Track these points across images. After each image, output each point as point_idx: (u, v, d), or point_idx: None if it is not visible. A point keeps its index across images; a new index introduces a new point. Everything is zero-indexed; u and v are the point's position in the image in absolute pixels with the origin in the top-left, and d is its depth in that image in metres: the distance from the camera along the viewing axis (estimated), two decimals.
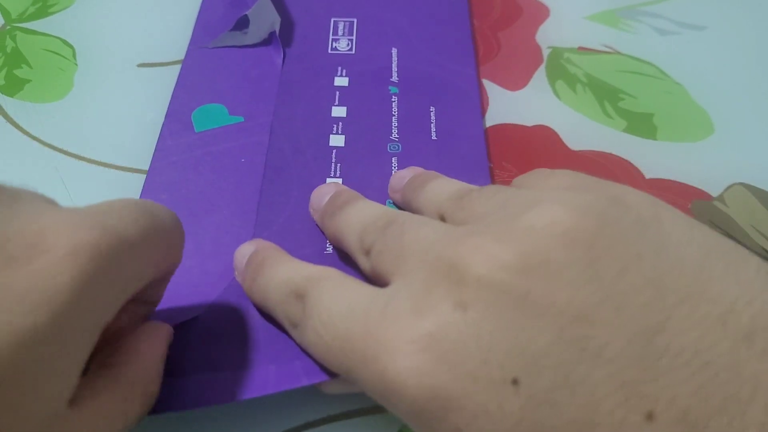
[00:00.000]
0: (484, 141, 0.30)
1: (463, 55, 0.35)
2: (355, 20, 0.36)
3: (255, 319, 0.23)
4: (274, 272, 0.21)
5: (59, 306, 0.14)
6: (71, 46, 0.36)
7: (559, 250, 0.15)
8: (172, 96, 0.32)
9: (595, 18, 0.39)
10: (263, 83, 0.33)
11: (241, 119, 0.31)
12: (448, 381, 0.15)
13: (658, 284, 0.15)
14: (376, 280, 0.20)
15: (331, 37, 0.35)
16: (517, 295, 0.15)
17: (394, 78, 0.33)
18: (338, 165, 0.29)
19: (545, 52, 0.36)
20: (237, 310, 0.23)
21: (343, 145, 0.30)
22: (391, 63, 0.34)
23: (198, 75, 0.33)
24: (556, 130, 0.32)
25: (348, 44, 0.35)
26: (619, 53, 0.36)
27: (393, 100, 0.32)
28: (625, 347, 0.14)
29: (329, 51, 0.35)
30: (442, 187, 0.23)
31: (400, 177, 0.26)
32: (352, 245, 0.22)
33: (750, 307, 0.14)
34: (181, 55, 0.35)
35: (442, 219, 0.21)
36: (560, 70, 0.35)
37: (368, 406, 0.22)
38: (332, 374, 0.20)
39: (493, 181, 0.29)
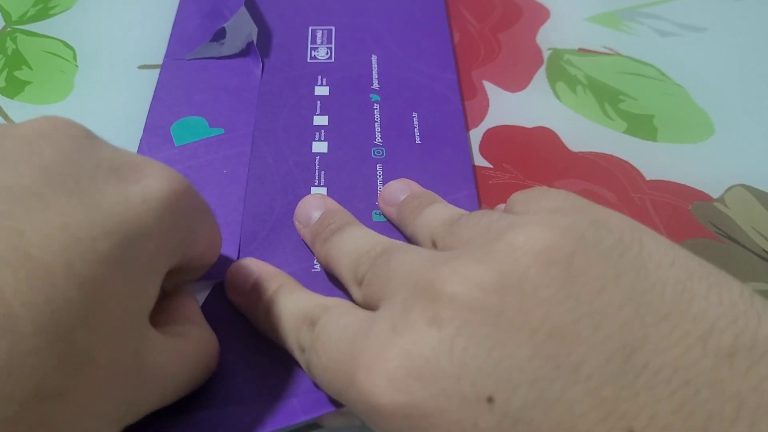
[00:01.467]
0: (467, 144, 0.30)
1: (443, 59, 0.34)
2: (333, 28, 0.36)
3: (237, 352, 0.22)
4: (291, 304, 0.22)
5: (159, 212, 0.17)
6: (72, 48, 0.36)
7: (536, 267, 0.15)
8: (150, 110, 0.31)
9: (596, 19, 0.39)
10: (243, 94, 0.32)
11: (222, 131, 0.30)
12: (422, 398, 0.15)
13: (637, 303, 0.15)
14: (368, 309, 0.20)
15: (309, 45, 0.35)
16: (491, 312, 0.15)
17: (375, 85, 0.33)
18: (322, 172, 0.28)
19: (545, 54, 0.36)
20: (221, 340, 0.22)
21: (326, 151, 0.29)
22: (372, 70, 0.34)
23: (175, 87, 0.33)
24: (557, 131, 0.32)
25: (327, 52, 0.35)
26: (619, 55, 0.36)
27: (375, 107, 0.32)
28: (603, 365, 0.14)
29: (308, 60, 0.34)
30: (436, 213, 0.23)
31: (395, 191, 0.26)
32: (346, 276, 0.22)
33: (733, 326, 0.14)
34: None
35: (434, 244, 0.22)
36: (560, 72, 0.35)
37: None
38: (327, 406, 0.21)
39: (477, 184, 0.29)
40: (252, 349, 0.22)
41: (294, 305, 0.21)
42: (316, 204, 0.26)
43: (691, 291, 0.15)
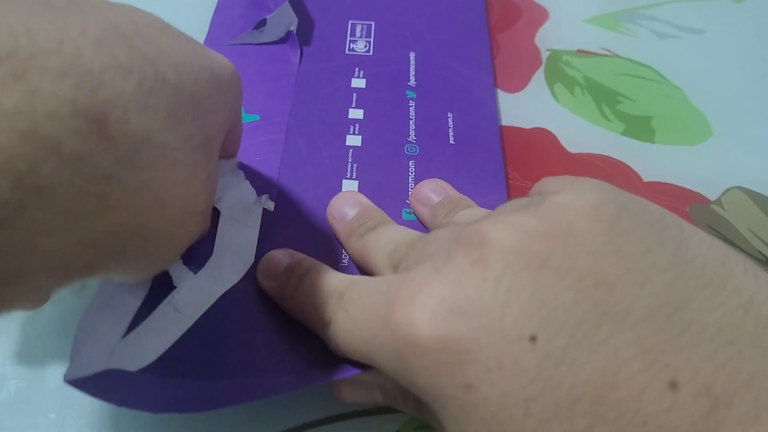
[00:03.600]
0: (501, 151, 0.30)
1: (481, 63, 0.35)
2: (373, 23, 0.36)
3: (263, 322, 0.23)
4: (321, 280, 0.22)
5: (234, 73, 0.21)
6: None
7: (583, 221, 0.16)
8: None
9: (595, 21, 0.39)
10: (280, 82, 0.33)
11: (257, 117, 0.31)
12: (463, 333, 0.15)
13: (680, 269, 0.15)
14: None
15: (348, 38, 0.36)
16: (537, 257, 0.15)
17: (412, 82, 0.33)
18: (354, 165, 0.29)
19: (544, 55, 0.36)
20: (242, 313, 0.23)
21: (359, 145, 0.30)
22: (409, 67, 0.34)
23: None
24: (555, 132, 0.32)
25: (366, 45, 0.35)
26: (617, 56, 0.36)
27: (410, 104, 0.32)
28: (648, 318, 0.14)
29: (347, 51, 0.35)
30: (473, 215, 0.23)
31: (429, 192, 0.26)
32: (381, 263, 0.22)
33: None
34: None
35: None
36: (559, 73, 0.35)
37: (365, 408, 0.22)
38: (347, 371, 0.20)
39: (509, 190, 0.29)
40: (276, 327, 0.23)
41: (322, 282, 0.21)
42: (351, 201, 0.26)
43: (729, 268, 0.15)
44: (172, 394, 0.20)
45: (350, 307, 0.19)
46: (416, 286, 0.16)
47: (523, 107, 0.33)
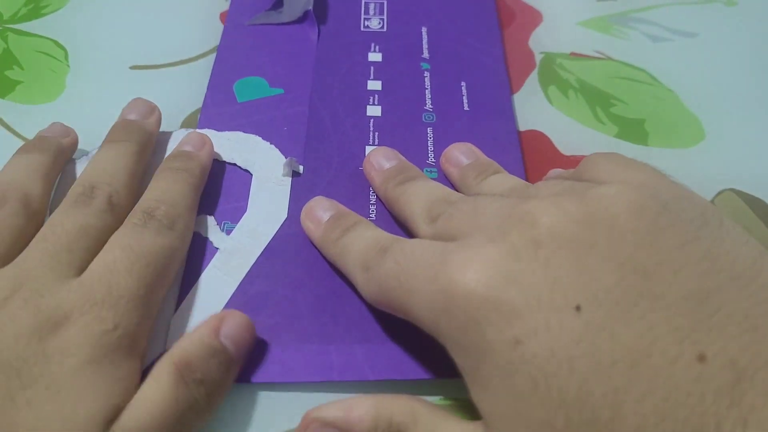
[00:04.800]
0: (512, 112, 0.32)
1: (490, 35, 0.37)
2: (385, 2, 0.38)
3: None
4: (366, 232, 0.23)
5: None
6: (63, 48, 0.36)
7: (625, 216, 0.17)
8: (213, 69, 0.34)
9: (588, 24, 0.39)
10: (300, 58, 0.34)
11: (282, 91, 0.33)
12: (514, 296, 0.17)
13: (714, 261, 0.16)
14: None
15: (363, 16, 0.37)
16: (584, 243, 0.17)
17: (425, 54, 0.35)
18: (376, 133, 0.31)
19: (538, 58, 0.36)
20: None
21: (380, 115, 0.32)
22: (422, 41, 0.36)
23: (236, 50, 0.35)
24: (548, 135, 0.32)
25: (380, 23, 0.37)
26: (611, 59, 0.36)
27: (425, 75, 0.34)
28: (681, 301, 0.16)
29: (362, 29, 0.36)
30: (503, 181, 0.25)
31: (460, 154, 0.28)
32: (417, 214, 0.23)
33: None
34: (174, 58, 0.35)
35: None
36: (553, 76, 0.35)
37: None
38: (394, 372, 0.22)
39: (522, 152, 0.31)
40: (320, 287, 0.25)
41: (370, 234, 0.23)
42: (389, 155, 0.28)
43: (761, 266, 0.17)
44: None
45: (400, 258, 0.20)
46: (474, 251, 0.18)
47: (518, 110, 0.33)
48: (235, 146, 0.30)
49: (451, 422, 0.19)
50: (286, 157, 0.29)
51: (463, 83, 0.33)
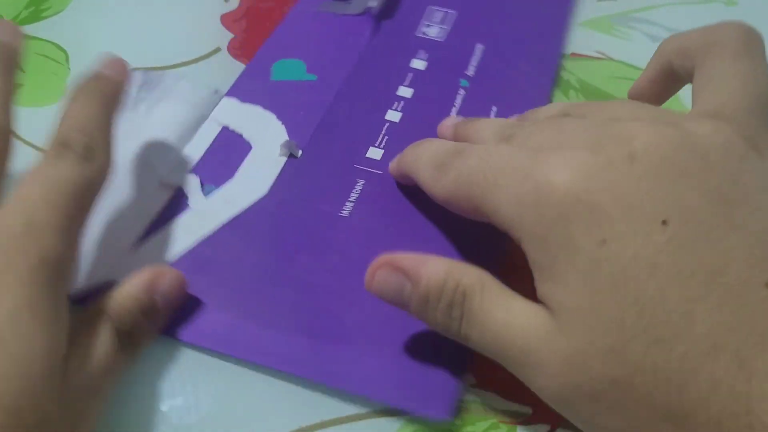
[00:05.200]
0: None
1: (545, 64, 0.35)
2: (456, 13, 0.38)
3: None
4: (437, 143, 0.25)
5: None
6: (64, 51, 0.36)
7: (716, 153, 0.18)
8: (263, 45, 0.35)
9: (589, 24, 0.39)
10: (346, 51, 0.35)
11: (314, 78, 0.33)
12: (606, 201, 0.18)
13: None
14: None
15: (423, 21, 0.37)
16: (677, 167, 0.18)
17: (470, 72, 0.34)
18: (385, 138, 0.31)
19: None
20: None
21: (397, 121, 0.31)
22: (471, 57, 0.35)
23: (293, 31, 0.36)
24: None
25: (440, 32, 0.36)
26: (611, 59, 0.37)
27: (460, 92, 0.33)
28: (758, 233, 0.17)
29: (416, 34, 0.36)
30: (497, 120, 0.28)
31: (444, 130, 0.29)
32: (489, 136, 0.24)
33: None
34: (175, 60, 0.35)
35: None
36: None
37: (362, 412, 0.22)
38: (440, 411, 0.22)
39: None
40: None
41: (440, 142, 0.25)
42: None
43: None
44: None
45: (485, 156, 0.21)
46: (570, 156, 0.19)
47: None
48: (248, 118, 0.31)
49: (518, 299, 0.20)
50: (291, 139, 0.30)
51: (494, 108, 0.32)
